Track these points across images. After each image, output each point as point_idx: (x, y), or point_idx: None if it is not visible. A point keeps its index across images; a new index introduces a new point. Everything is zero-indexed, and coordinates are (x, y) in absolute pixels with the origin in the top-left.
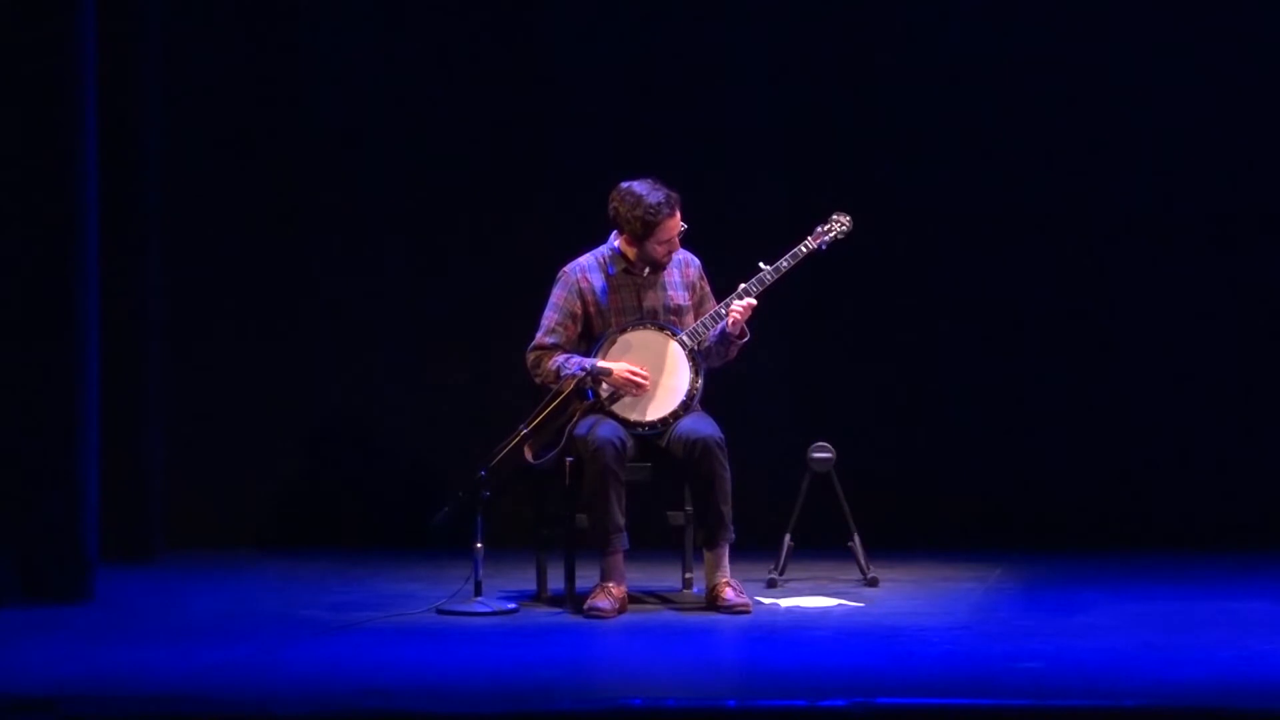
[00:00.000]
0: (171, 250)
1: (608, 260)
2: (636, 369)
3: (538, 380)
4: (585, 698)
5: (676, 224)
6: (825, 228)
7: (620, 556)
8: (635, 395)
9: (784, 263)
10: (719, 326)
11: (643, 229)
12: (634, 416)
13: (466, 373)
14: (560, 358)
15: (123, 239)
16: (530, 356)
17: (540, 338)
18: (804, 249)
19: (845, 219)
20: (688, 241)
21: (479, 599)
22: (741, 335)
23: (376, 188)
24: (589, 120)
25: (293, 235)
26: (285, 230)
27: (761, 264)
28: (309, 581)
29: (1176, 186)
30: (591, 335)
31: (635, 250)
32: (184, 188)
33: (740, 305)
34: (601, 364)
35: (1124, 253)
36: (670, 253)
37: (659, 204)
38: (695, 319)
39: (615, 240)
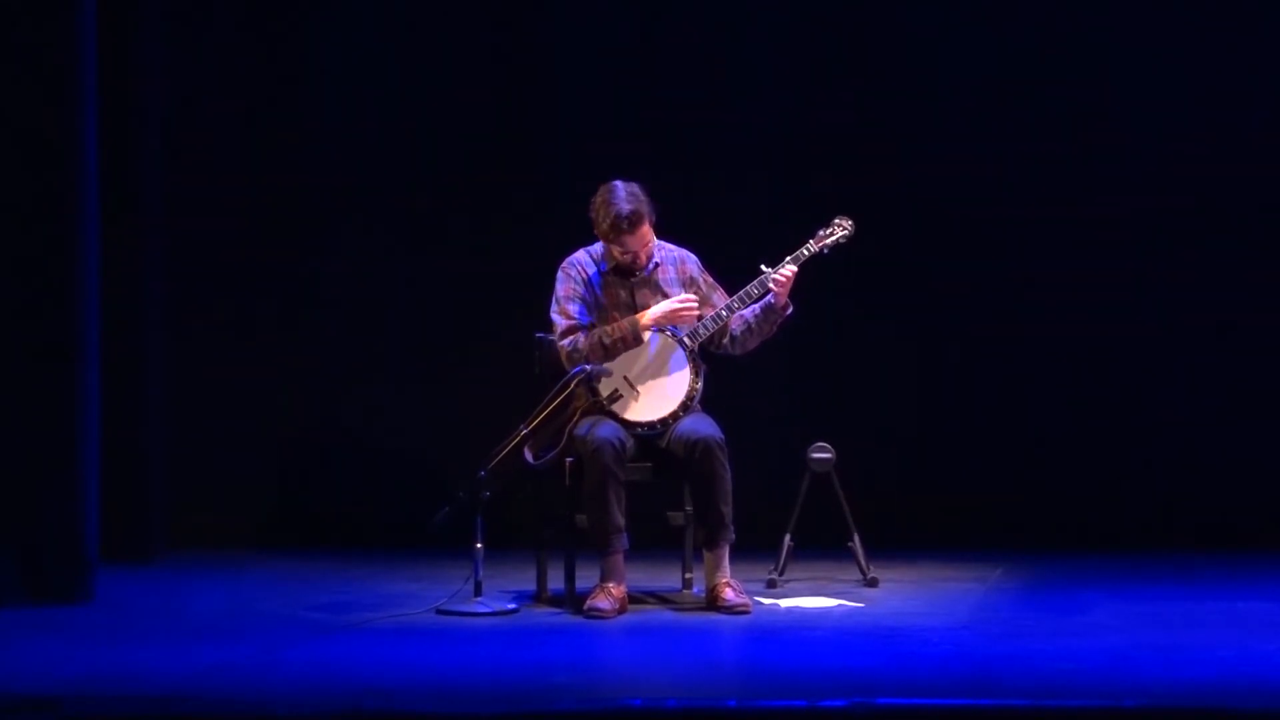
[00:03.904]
0: (172, 249)
1: (599, 257)
2: (685, 296)
3: (578, 357)
4: (585, 698)
5: (641, 239)
6: (827, 231)
7: (620, 557)
8: (686, 325)
9: (786, 265)
10: (764, 299)
11: (610, 232)
12: (634, 417)
13: (467, 373)
14: (600, 329)
15: (123, 238)
16: (567, 340)
17: (567, 323)
18: (805, 252)
19: (847, 223)
20: (685, 239)
21: (479, 599)
22: (786, 308)
23: (378, 187)
24: (593, 119)
25: (294, 235)
26: (286, 230)
27: (763, 266)
28: (309, 581)
29: (1177, 186)
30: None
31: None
32: (184, 186)
33: (786, 274)
34: (650, 311)
35: (1124, 253)
36: (635, 262)
37: (623, 217)
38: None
39: None
